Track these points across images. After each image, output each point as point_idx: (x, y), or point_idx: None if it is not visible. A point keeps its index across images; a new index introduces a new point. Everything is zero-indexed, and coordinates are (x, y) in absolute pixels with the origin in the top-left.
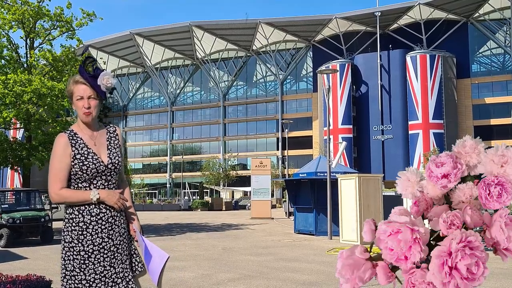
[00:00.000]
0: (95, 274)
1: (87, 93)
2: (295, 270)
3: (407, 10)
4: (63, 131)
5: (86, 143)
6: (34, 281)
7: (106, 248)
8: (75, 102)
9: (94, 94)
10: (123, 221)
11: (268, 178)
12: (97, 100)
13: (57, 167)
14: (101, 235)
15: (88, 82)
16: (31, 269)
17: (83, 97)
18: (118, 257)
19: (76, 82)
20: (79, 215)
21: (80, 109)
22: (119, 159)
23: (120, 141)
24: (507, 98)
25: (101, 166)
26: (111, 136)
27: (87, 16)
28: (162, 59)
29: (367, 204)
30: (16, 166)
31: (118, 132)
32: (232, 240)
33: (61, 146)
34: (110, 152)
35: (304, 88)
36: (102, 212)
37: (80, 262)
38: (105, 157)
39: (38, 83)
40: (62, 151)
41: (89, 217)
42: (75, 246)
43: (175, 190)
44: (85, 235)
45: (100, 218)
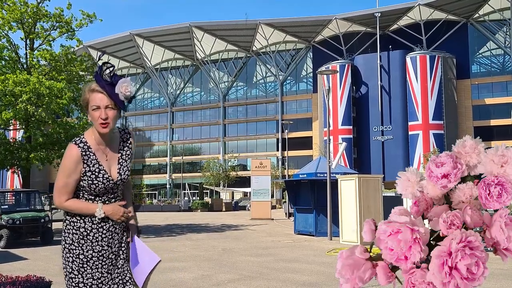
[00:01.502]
0: (92, 280)
1: (104, 103)
2: (295, 271)
3: (407, 10)
4: (75, 141)
5: (99, 159)
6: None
7: (105, 256)
8: (91, 112)
9: (112, 103)
10: (123, 227)
11: (268, 179)
12: (115, 110)
13: (65, 181)
14: (101, 243)
15: (105, 90)
16: (31, 269)
17: (99, 107)
18: (115, 263)
19: (92, 91)
20: (80, 220)
21: (96, 120)
22: (128, 173)
23: (132, 149)
24: (507, 98)
25: (110, 183)
26: (124, 146)
27: (87, 17)
28: (162, 59)
29: (367, 205)
30: (14, 167)
31: (132, 141)
32: (232, 241)
33: (73, 161)
34: (121, 167)
35: (304, 89)
36: (104, 221)
37: (78, 265)
38: (115, 172)
39: (36, 82)
40: (74, 167)
41: (90, 224)
42: (75, 249)
43: (175, 191)
44: (85, 240)
45: (101, 227)
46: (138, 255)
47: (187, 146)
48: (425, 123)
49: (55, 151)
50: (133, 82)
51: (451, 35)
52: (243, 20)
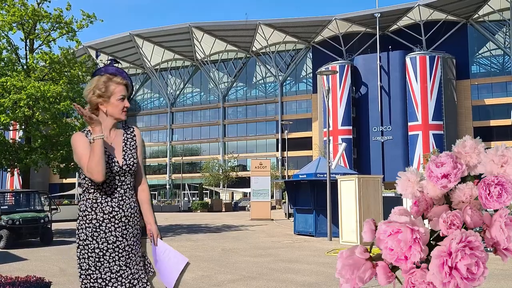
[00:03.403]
0: (110, 273)
1: (126, 93)
2: (295, 271)
3: (406, 11)
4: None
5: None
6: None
7: (120, 247)
8: (115, 102)
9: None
10: (137, 222)
11: (268, 179)
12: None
13: (84, 157)
14: (115, 234)
15: (130, 83)
16: (31, 270)
17: (124, 97)
18: (132, 257)
19: (118, 83)
20: (92, 212)
21: (121, 108)
22: (134, 161)
23: (138, 142)
24: (507, 99)
25: (115, 167)
26: (128, 137)
27: (87, 18)
28: (162, 60)
29: (367, 205)
30: (13, 168)
31: (137, 133)
32: (232, 241)
33: (82, 139)
34: (125, 154)
35: (304, 89)
36: (115, 211)
37: (95, 260)
38: (120, 158)
39: (32, 87)
40: (85, 142)
41: (101, 215)
42: (90, 244)
43: (174, 191)
44: (99, 232)
45: (113, 217)
46: (165, 258)
47: (187, 146)
48: (425, 124)
49: (54, 152)
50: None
51: (450, 35)
52: (243, 20)
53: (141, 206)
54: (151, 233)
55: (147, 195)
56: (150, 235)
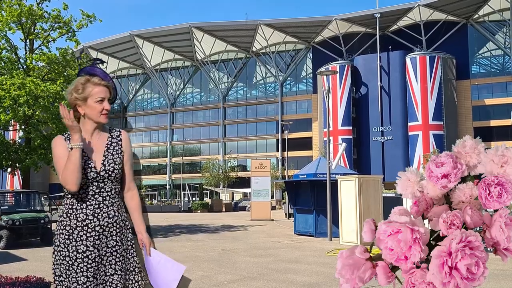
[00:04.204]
0: (77, 284)
1: (107, 95)
2: (295, 272)
3: (406, 11)
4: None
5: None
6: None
7: (90, 258)
8: (93, 105)
9: (110, 96)
10: (117, 232)
11: (268, 180)
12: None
13: (60, 164)
14: (86, 243)
15: (111, 84)
16: (31, 270)
17: (104, 99)
18: (101, 268)
19: (97, 84)
20: (66, 218)
21: (99, 111)
22: (115, 167)
23: (124, 147)
24: (507, 99)
25: (91, 172)
26: (113, 141)
27: (86, 18)
28: (162, 60)
29: (367, 206)
30: (13, 168)
31: (123, 137)
32: (232, 241)
33: (61, 142)
34: (106, 159)
35: (304, 90)
36: (89, 219)
37: (65, 268)
38: (99, 163)
39: (31, 85)
40: (63, 148)
41: (75, 222)
42: (62, 251)
43: (174, 192)
44: (71, 240)
45: (86, 225)
46: (161, 268)
47: (187, 146)
48: (425, 124)
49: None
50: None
51: (451, 35)
52: (243, 20)
53: (131, 215)
54: (143, 243)
55: (136, 203)
56: (141, 245)
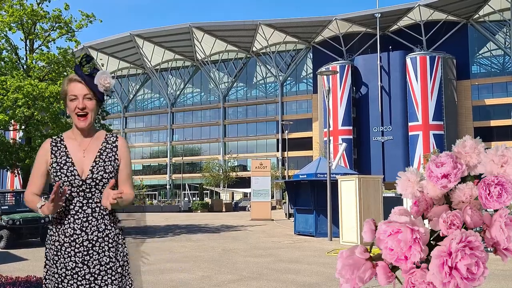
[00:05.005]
0: None
1: (82, 92)
2: (295, 272)
3: (407, 11)
4: (51, 136)
5: (70, 152)
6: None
7: (80, 275)
8: (69, 104)
9: (91, 93)
10: (109, 248)
11: (268, 180)
12: (93, 100)
13: (33, 171)
14: (75, 259)
15: (83, 79)
16: (31, 270)
17: (77, 97)
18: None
19: (70, 81)
20: (55, 233)
21: (73, 111)
22: (104, 175)
23: (121, 154)
24: (507, 99)
25: (76, 180)
26: (107, 147)
27: (86, 18)
28: (162, 60)
29: (367, 206)
30: (14, 168)
31: (120, 143)
32: (232, 241)
33: (41, 152)
34: (95, 166)
35: (304, 90)
36: (76, 234)
37: (54, 285)
38: (87, 170)
39: (29, 87)
40: (40, 157)
41: (63, 237)
42: (51, 267)
43: (175, 192)
44: (59, 256)
45: (74, 240)
46: None
47: (187, 146)
48: (425, 124)
49: None
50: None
51: (451, 35)
52: (243, 20)
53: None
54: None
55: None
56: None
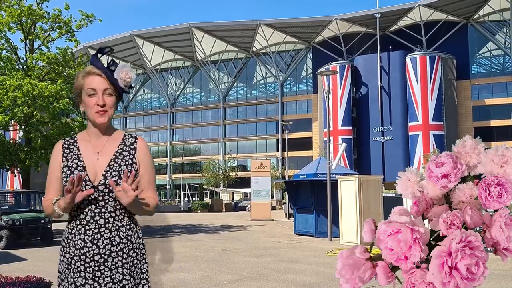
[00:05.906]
0: None
1: (102, 86)
2: (295, 272)
3: (407, 11)
4: (64, 137)
5: (82, 154)
6: (34, 283)
7: None
8: (86, 99)
9: (112, 88)
10: (123, 264)
11: (268, 180)
12: (113, 96)
13: (48, 178)
14: (84, 275)
15: (103, 72)
16: (31, 270)
17: (96, 92)
18: None
19: (88, 74)
20: (67, 244)
21: (92, 107)
22: (119, 181)
23: (139, 156)
24: (507, 99)
25: (87, 186)
26: (124, 149)
27: (86, 18)
28: (162, 60)
29: (367, 206)
30: (14, 168)
31: (139, 145)
32: (232, 241)
33: (53, 156)
34: (109, 170)
35: (304, 90)
36: (87, 247)
37: None
38: (99, 175)
39: (29, 86)
40: (53, 162)
41: (73, 250)
42: (63, 281)
43: (175, 192)
44: (69, 270)
45: (84, 254)
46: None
47: (187, 146)
48: (425, 124)
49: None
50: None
51: (451, 35)
52: (243, 20)
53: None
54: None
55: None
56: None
